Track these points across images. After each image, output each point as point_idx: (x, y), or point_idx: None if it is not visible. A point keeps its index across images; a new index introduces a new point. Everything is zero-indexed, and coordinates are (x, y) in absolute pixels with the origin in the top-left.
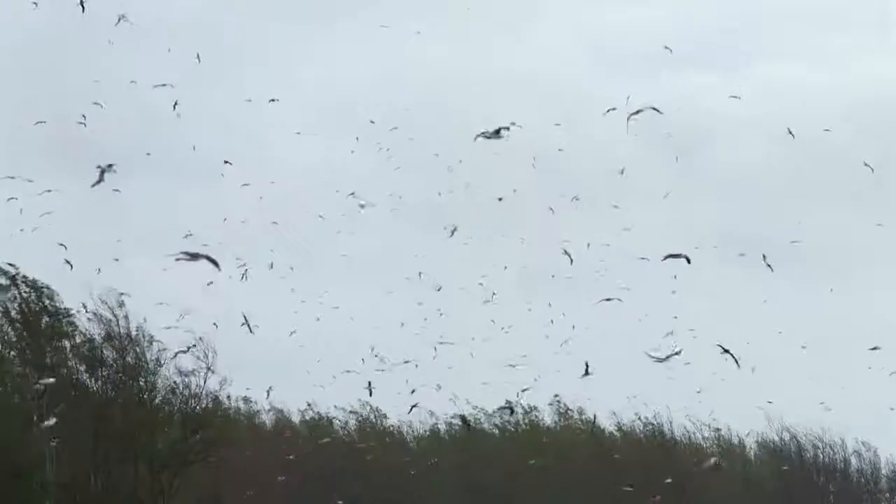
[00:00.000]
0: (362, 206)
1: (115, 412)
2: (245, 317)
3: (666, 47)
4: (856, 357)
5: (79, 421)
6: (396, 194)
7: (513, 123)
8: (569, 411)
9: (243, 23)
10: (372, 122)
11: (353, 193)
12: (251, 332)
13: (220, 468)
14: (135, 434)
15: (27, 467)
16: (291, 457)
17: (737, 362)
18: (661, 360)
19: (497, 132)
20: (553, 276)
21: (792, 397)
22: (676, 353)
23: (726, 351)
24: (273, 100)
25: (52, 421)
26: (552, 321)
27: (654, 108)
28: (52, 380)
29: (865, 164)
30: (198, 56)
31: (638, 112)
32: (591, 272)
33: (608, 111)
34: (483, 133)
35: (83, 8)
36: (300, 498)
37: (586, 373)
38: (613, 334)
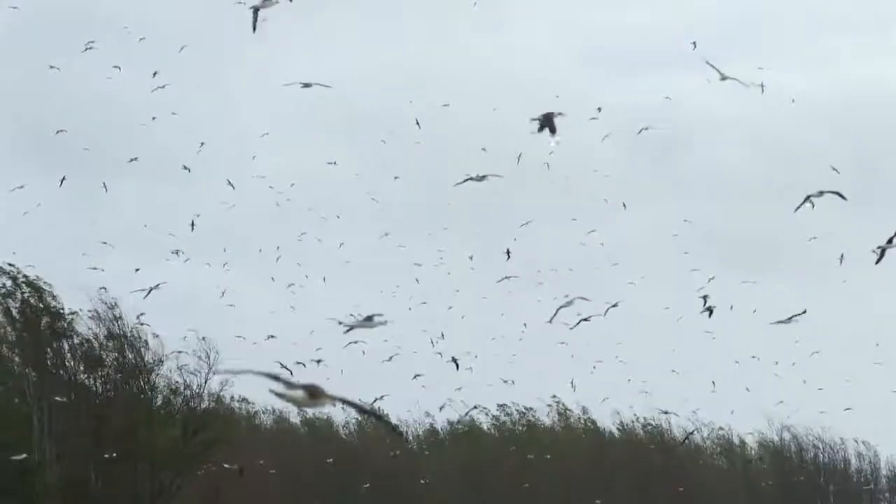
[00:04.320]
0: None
1: (114, 412)
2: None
3: (693, 43)
4: (854, 357)
5: (79, 421)
6: (377, 194)
7: (495, 175)
8: (567, 411)
9: (221, 22)
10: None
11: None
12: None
13: (219, 468)
14: (135, 434)
15: (28, 468)
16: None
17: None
18: (785, 322)
19: (482, 178)
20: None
21: (792, 397)
22: (801, 314)
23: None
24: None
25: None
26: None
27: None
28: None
29: None
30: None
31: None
32: (582, 274)
33: (641, 130)
34: (468, 178)
35: None
36: (300, 498)
37: None
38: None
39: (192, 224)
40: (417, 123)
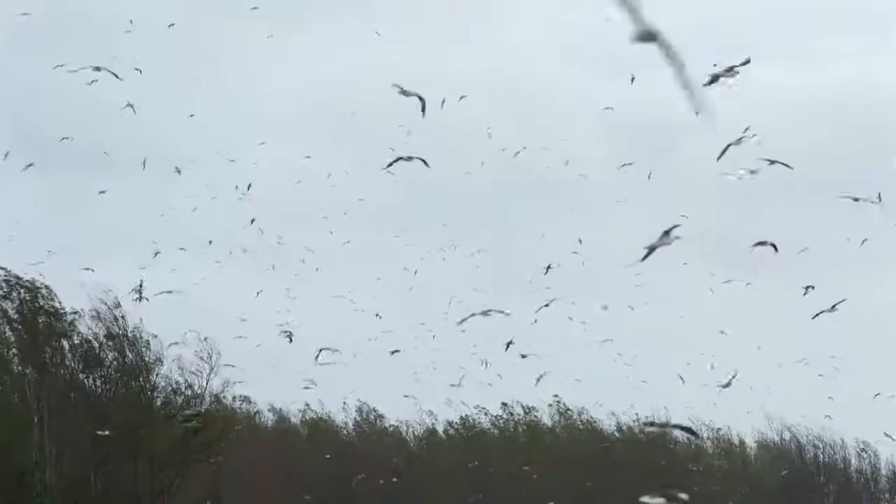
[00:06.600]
0: None
1: (114, 412)
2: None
3: (714, 64)
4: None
5: (78, 421)
6: (375, 193)
7: (420, 158)
8: (568, 411)
9: (209, 24)
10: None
11: None
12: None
13: (219, 468)
14: (135, 434)
15: (28, 468)
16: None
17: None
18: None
19: (410, 158)
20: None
21: (792, 397)
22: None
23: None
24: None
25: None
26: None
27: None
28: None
29: None
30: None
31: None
32: (571, 274)
33: (623, 165)
34: (399, 157)
35: None
36: (300, 497)
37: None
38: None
39: (252, 220)
40: (442, 104)
